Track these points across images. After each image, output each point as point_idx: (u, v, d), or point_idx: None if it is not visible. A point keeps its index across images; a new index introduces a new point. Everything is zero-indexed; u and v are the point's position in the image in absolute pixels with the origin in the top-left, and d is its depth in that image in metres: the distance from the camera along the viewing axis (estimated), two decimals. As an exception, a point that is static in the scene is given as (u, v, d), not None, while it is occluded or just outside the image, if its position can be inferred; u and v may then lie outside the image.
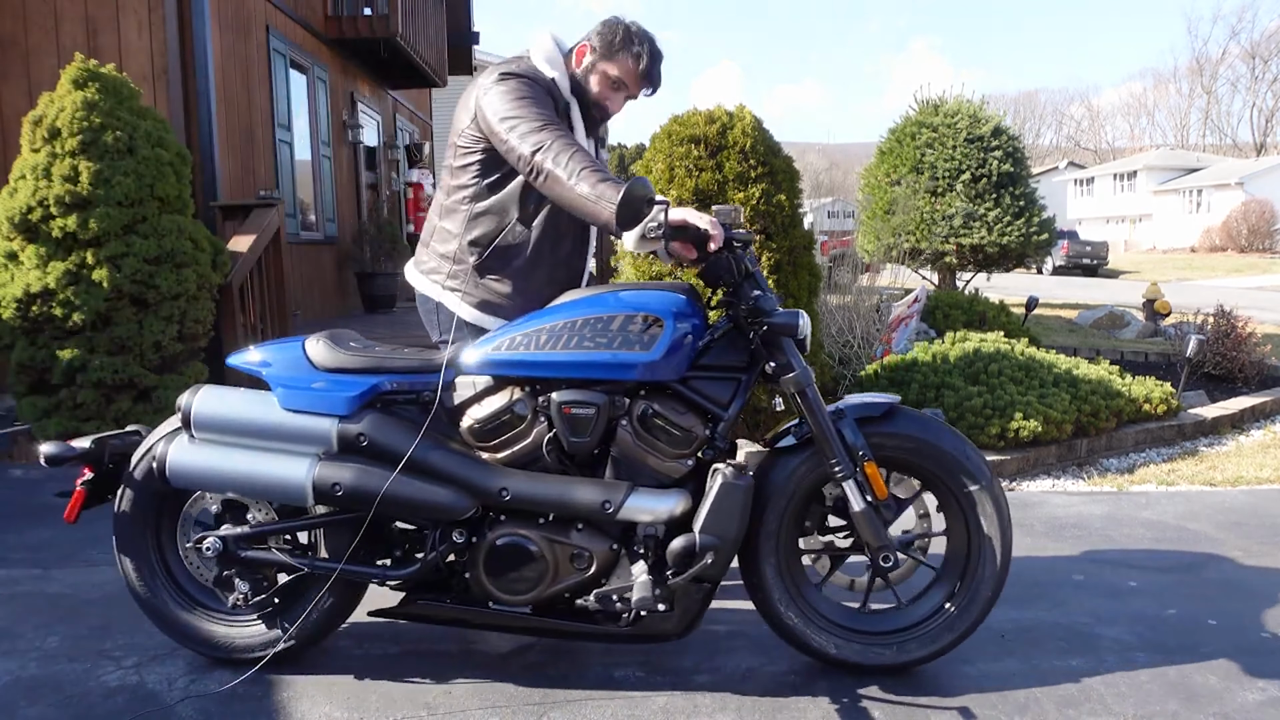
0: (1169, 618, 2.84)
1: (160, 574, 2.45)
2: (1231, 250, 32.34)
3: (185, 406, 2.28)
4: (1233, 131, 56.82)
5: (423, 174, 10.43)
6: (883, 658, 2.38)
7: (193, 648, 2.46)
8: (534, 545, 2.23)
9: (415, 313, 2.61)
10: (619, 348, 2.17)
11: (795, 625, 2.37)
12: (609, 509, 2.19)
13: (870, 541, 2.29)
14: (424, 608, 2.34)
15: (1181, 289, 18.46)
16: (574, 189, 2.14)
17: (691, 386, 2.24)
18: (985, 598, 2.36)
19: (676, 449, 2.21)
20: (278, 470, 2.24)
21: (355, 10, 9.03)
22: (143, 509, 2.41)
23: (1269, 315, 11.76)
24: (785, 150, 4.95)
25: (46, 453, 2.30)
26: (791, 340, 2.24)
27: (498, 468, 2.25)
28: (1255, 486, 4.47)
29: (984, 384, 4.90)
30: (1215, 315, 6.99)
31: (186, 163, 4.94)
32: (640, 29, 2.46)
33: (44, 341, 4.54)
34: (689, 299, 2.25)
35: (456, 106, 2.46)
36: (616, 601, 2.23)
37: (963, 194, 10.01)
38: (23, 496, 4.18)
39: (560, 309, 2.26)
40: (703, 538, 2.15)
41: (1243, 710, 2.28)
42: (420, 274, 2.52)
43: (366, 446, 2.23)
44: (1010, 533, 2.36)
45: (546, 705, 2.29)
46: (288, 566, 2.35)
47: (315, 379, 2.27)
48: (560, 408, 2.19)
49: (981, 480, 2.34)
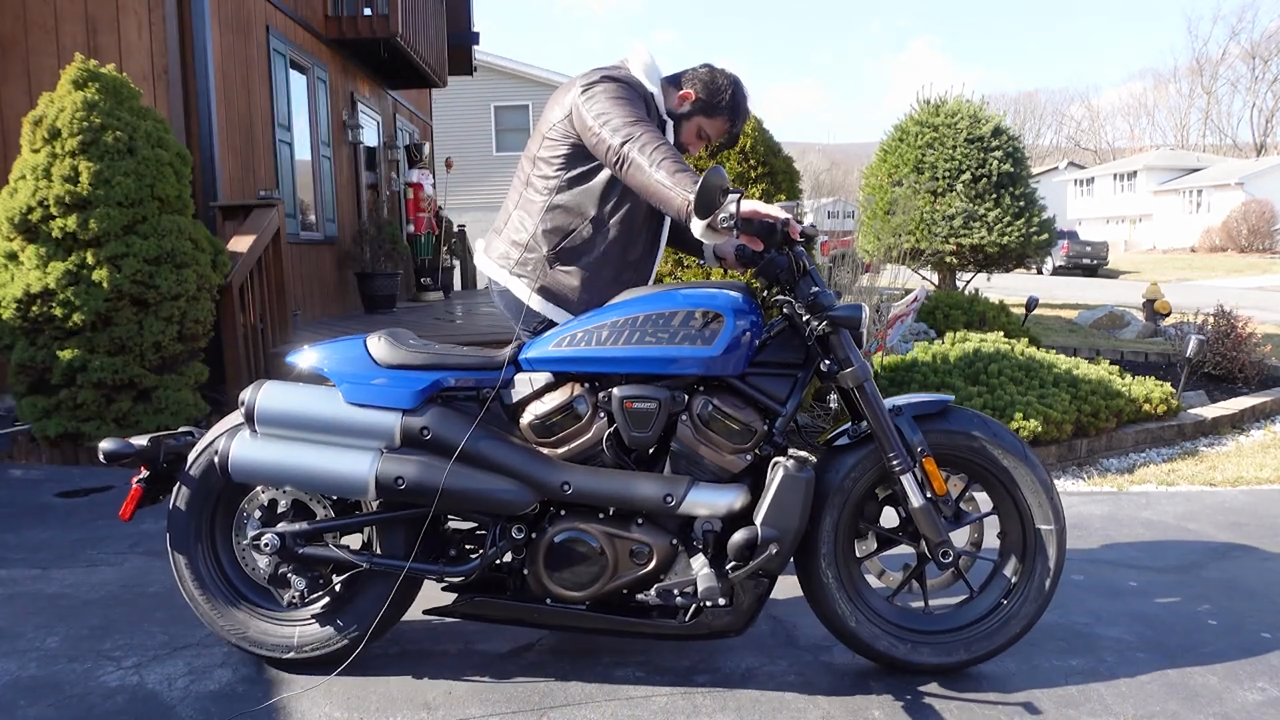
0: (1169, 618, 2.84)
1: (214, 571, 2.45)
2: (1231, 250, 32.33)
3: (249, 402, 2.30)
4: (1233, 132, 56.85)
5: (423, 174, 10.41)
6: (953, 657, 2.37)
7: (243, 646, 2.44)
8: (595, 540, 2.25)
9: (415, 313, 2.64)
10: (680, 343, 2.21)
11: (856, 629, 2.35)
12: (671, 502, 2.21)
13: (930, 537, 2.29)
14: (481, 605, 2.35)
15: (1181, 289, 18.46)
16: (652, 175, 2.19)
17: (750, 383, 2.27)
18: (1045, 592, 2.37)
19: (736, 444, 2.23)
20: (341, 464, 2.26)
21: (355, 10, 9.03)
22: (198, 507, 2.43)
23: (1269, 315, 11.76)
24: (785, 150, 4.96)
25: (106, 450, 2.31)
26: (850, 335, 2.27)
27: (559, 463, 2.27)
28: (1255, 486, 4.47)
29: (984, 384, 4.91)
30: (1215, 315, 6.99)
31: (186, 163, 4.94)
32: (744, 92, 2.57)
33: (44, 342, 4.54)
34: (746, 296, 2.28)
35: (549, 101, 2.51)
36: (677, 596, 2.25)
37: (963, 194, 10.01)
38: (23, 496, 4.18)
39: (619, 306, 2.30)
40: (765, 530, 2.17)
41: (1243, 710, 2.28)
42: (489, 259, 2.56)
43: (430, 440, 2.25)
44: (1065, 531, 2.38)
45: (546, 705, 2.29)
46: (347, 564, 2.35)
47: (378, 375, 2.30)
48: (622, 403, 2.23)
49: (1040, 477, 2.36)
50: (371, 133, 10.46)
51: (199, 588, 2.43)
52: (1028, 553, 2.39)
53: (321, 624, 2.41)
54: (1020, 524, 2.39)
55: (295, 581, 2.35)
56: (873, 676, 2.43)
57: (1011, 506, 2.39)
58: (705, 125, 2.56)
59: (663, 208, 2.23)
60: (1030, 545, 2.38)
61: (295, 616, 2.44)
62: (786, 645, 2.62)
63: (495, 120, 22.15)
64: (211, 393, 5.32)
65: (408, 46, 9.40)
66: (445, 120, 18.49)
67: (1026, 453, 2.37)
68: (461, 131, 20.95)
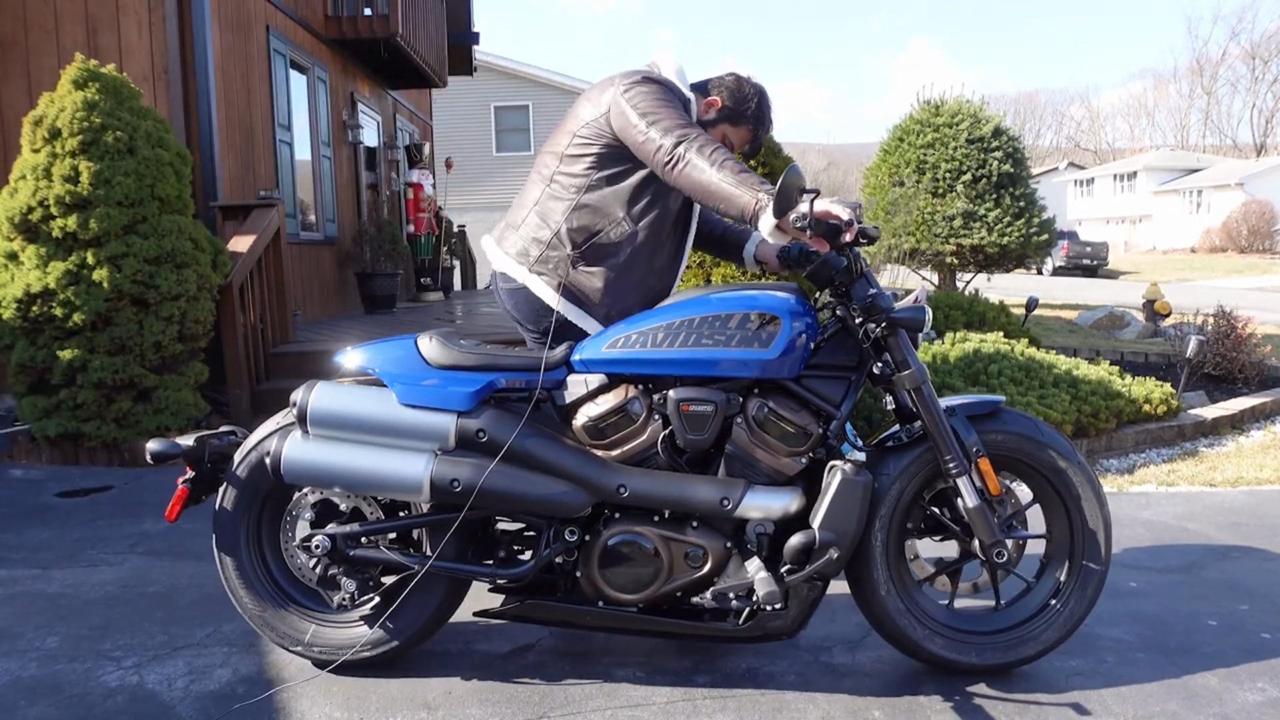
0: (1169, 618, 2.84)
1: (260, 572, 2.44)
2: (1231, 251, 32.33)
3: (301, 403, 2.28)
4: (1233, 132, 56.84)
5: (423, 174, 10.40)
6: (1012, 655, 2.38)
7: (288, 647, 2.43)
8: (649, 543, 2.25)
9: (415, 313, 2.64)
10: (737, 345, 2.20)
11: (908, 629, 2.35)
12: (727, 505, 2.20)
13: (984, 538, 2.28)
14: (532, 608, 2.33)
15: (1181, 289, 18.46)
16: (714, 174, 2.17)
17: (805, 385, 2.27)
18: (1091, 596, 2.39)
19: (791, 446, 2.23)
20: (395, 465, 2.24)
21: (355, 10, 9.03)
22: (245, 507, 2.41)
23: (1269, 315, 11.76)
24: (785, 150, 4.95)
25: (153, 450, 2.31)
26: (907, 336, 2.26)
27: (614, 465, 2.26)
28: (1255, 487, 4.47)
29: (984, 385, 4.91)
30: (1215, 316, 6.99)
31: (187, 163, 4.94)
32: (769, 102, 2.57)
33: (44, 341, 4.54)
34: (800, 298, 2.27)
35: (579, 99, 2.49)
36: (733, 599, 2.24)
37: (963, 194, 10.02)
38: (23, 496, 4.18)
39: (672, 308, 2.28)
40: (822, 534, 2.16)
41: (1243, 710, 2.28)
42: (504, 254, 2.52)
43: (486, 442, 2.24)
44: (1111, 532, 2.40)
45: (546, 705, 2.29)
46: (398, 565, 2.33)
47: (430, 375, 2.29)
48: (678, 405, 2.22)
49: (1089, 479, 2.38)
50: (371, 133, 10.46)
51: (245, 588, 2.42)
52: (1075, 553, 2.40)
53: (370, 625, 2.40)
54: (1069, 525, 2.40)
55: (345, 584, 2.33)
56: (873, 677, 2.43)
57: (1060, 507, 2.40)
58: (730, 133, 2.54)
59: (722, 206, 2.20)
60: (1079, 546, 2.40)
61: (344, 619, 2.43)
62: (786, 645, 2.62)
63: (495, 120, 22.15)
64: (211, 393, 5.32)
65: (408, 46, 9.40)
66: (445, 120, 18.49)
67: (1078, 455, 2.40)
68: (461, 132, 20.96)
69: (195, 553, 3.39)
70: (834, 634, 2.69)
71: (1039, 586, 2.46)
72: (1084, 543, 2.39)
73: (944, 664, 2.38)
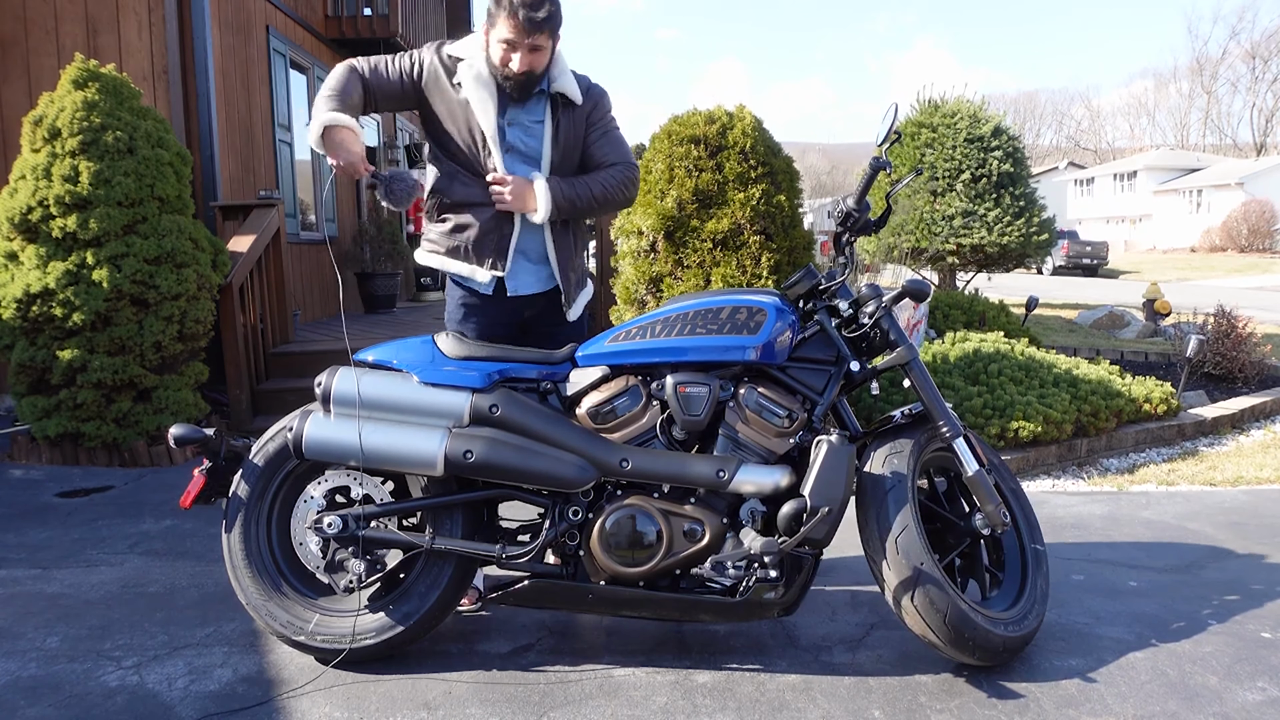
0: (1169, 618, 2.84)
1: (267, 560, 2.50)
2: (1232, 250, 32.33)
3: (325, 385, 2.42)
4: (1233, 132, 56.86)
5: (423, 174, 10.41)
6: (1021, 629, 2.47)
7: (290, 636, 2.44)
8: (651, 517, 2.37)
9: (415, 313, 2.70)
10: (729, 332, 2.42)
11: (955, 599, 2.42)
12: (723, 476, 2.35)
13: (984, 504, 2.45)
14: (537, 587, 2.42)
15: (1181, 289, 18.46)
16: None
17: (790, 374, 2.49)
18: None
19: (779, 426, 2.40)
20: (412, 439, 2.36)
21: (355, 10, 9.04)
22: (258, 495, 2.51)
23: (1269, 315, 11.77)
24: (786, 150, 4.95)
25: (175, 434, 2.41)
26: (894, 319, 2.49)
27: (616, 443, 2.42)
28: (1255, 486, 4.47)
29: (984, 384, 4.91)
30: (1215, 315, 6.99)
31: (186, 163, 4.94)
32: None
33: (44, 341, 4.54)
34: (784, 299, 2.52)
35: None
36: (730, 568, 2.35)
37: (963, 194, 10.01)
38: (23, 496, 4.18)
39: (666, 308, 2.50)
40: (814, 499, 2.29)
41: (1243, 710, 2.28)
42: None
43: (499, 417, 2.38)
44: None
45: (546, 705, 2.29)
46: (407, 544, 2.43)
47: (449, 363, 2.47)
48: (676, 387, 2.40)
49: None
50: (371, 132, 10.47)
51: (251, 575, 2.47)
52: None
53: (375, 611, 2.45)
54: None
55: (353, 565, 2.41)
56: (872, 677, 2.44)
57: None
58: (495, 35, 2.51)
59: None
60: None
61: (348, 608, 2.47)
62: (786, 645, 2.62)
63: (495, 120, 22.08)
64: (211, 392, 5.32)
65: (407, 46, 9.40)
66: (445, 120, 18.42)
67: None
68: (461, 131, 20.87)
69: (195, 553, 3.39)
70: (834, 634, 2.69)
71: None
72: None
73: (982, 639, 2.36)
